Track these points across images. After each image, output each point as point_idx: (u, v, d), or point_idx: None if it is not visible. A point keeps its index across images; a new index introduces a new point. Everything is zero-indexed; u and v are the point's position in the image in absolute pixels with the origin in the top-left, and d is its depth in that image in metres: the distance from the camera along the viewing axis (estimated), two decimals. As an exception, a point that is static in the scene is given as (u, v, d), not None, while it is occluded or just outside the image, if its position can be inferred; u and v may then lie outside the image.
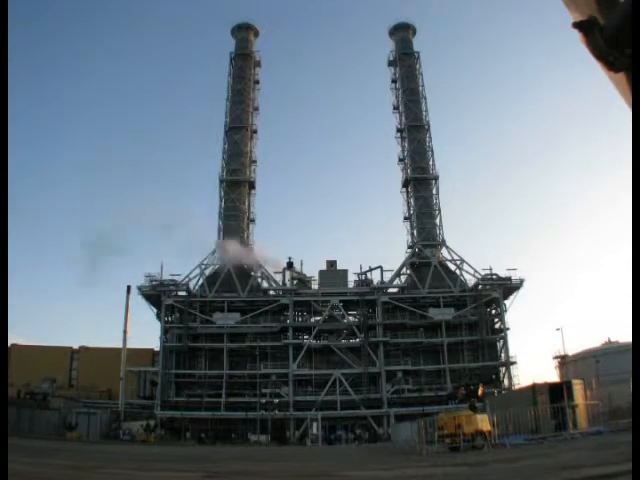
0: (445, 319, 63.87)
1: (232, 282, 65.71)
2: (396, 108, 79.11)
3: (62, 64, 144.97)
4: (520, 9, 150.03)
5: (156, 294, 64.65)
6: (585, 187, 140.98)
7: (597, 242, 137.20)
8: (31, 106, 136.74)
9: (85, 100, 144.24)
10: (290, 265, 67.91)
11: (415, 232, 72.82)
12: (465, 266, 68.78)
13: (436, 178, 73.83)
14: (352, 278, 67.98)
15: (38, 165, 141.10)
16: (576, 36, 1.66)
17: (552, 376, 54.25)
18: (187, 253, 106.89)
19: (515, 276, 65.93)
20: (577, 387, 27.55)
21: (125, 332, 63.58)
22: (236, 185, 74.04)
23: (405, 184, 75.46)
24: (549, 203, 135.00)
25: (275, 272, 68.98)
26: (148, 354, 70.68)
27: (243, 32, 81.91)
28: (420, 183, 73.94)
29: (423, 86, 79.05)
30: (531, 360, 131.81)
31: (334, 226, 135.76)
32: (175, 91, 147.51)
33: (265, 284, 69.95)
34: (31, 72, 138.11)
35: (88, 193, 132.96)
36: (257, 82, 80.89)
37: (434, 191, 74.04)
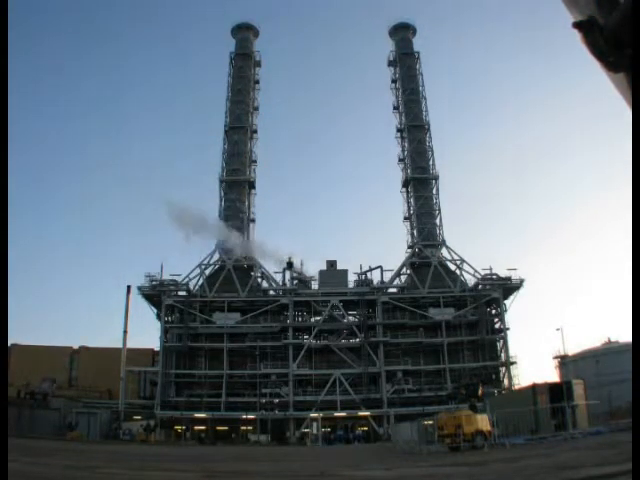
0: (445, 319, 63.85)
1: (232, 282, 65.70)
2: (396, 108, 79.14)
3: (60, 67, 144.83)
4: (520, 9, 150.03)
5: (156, 294, 64.66)
6: (585, 187, 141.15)
7: (597, 242, 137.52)
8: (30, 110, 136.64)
9: (84, 99, 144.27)
10: (290, 265, 67.86)
11: (415, 232, 72.82)
12: (465, 266, 68.89)
13: (436, 178, 73.84)
14: (352, 278, 68.14)
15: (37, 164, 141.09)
16: (576, 36, 1.66)
17: (552, 376, 54.11)
18: (187, 252, 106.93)
19: (515, 276, 66.04)
20: (577, 387, 27.56)
21: (125, 332, 63.47)
22: (236, 185, 74.03)
23: (405, 184, 75.46)
24: (549, 203, 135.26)
25: (275, 272, 69.15)
26: (148, 354, 70.56)
27: (243, 32, 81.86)
28: (420, 183, 73.94)
29: (423, 86, 79.18)
30: (531, 360, 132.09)
31: (334, 226, 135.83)
32: (175, 91, 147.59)
33: (265, 284, 70.00)
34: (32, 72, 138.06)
35: (87, 192, 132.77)
36: (257, 82, 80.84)
37: (434, 191, 74.09)
